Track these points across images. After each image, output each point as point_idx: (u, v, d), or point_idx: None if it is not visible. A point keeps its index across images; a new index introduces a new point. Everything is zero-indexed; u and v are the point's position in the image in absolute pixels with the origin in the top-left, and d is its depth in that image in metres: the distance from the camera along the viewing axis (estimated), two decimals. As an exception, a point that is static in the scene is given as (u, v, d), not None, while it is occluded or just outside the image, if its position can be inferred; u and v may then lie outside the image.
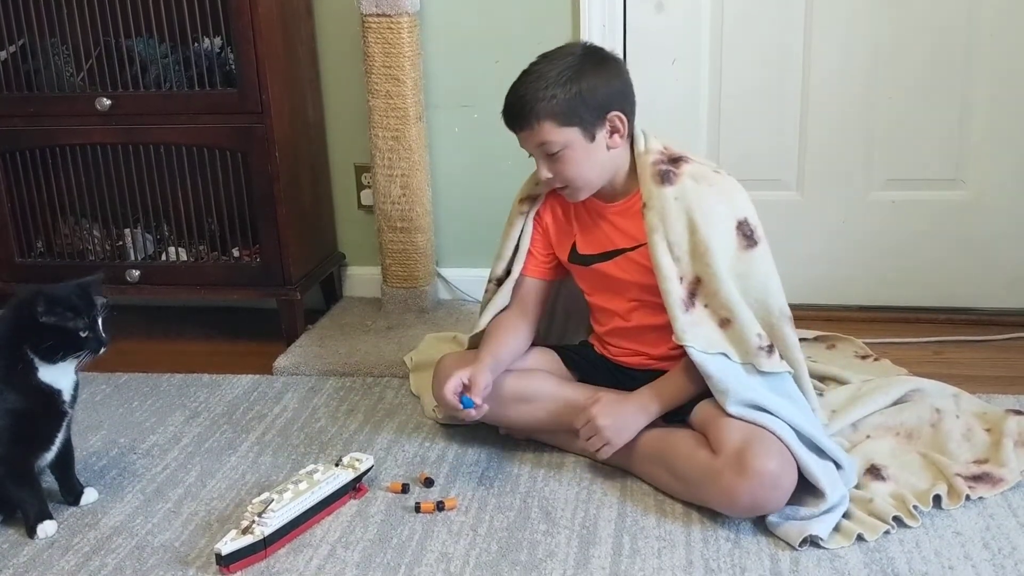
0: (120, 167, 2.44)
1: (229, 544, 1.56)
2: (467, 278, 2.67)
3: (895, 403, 1.92)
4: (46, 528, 1.69)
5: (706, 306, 1.71)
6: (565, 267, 1.91)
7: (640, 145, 1.76)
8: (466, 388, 1.74)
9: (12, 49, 2.40)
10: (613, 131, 1.71)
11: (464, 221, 2.66)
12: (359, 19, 2.39)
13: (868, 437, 1.83)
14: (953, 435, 1.81)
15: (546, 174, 1.73)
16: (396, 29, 2.37)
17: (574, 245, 1.86)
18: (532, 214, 1.89)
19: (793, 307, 1.76)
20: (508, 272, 1.93)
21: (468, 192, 2.63)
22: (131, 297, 2.60)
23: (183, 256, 2.50)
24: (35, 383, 1.64)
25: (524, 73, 1.70)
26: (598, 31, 2.42)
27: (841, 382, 2.02)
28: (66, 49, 2.40)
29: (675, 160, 1.75)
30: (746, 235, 1.72)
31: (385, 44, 2.38)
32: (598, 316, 1.92)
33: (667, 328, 1.73)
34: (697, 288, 1.71)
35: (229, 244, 2.49)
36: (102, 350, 1.66)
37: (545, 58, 1.71)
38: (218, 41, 2.36)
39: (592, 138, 1.69)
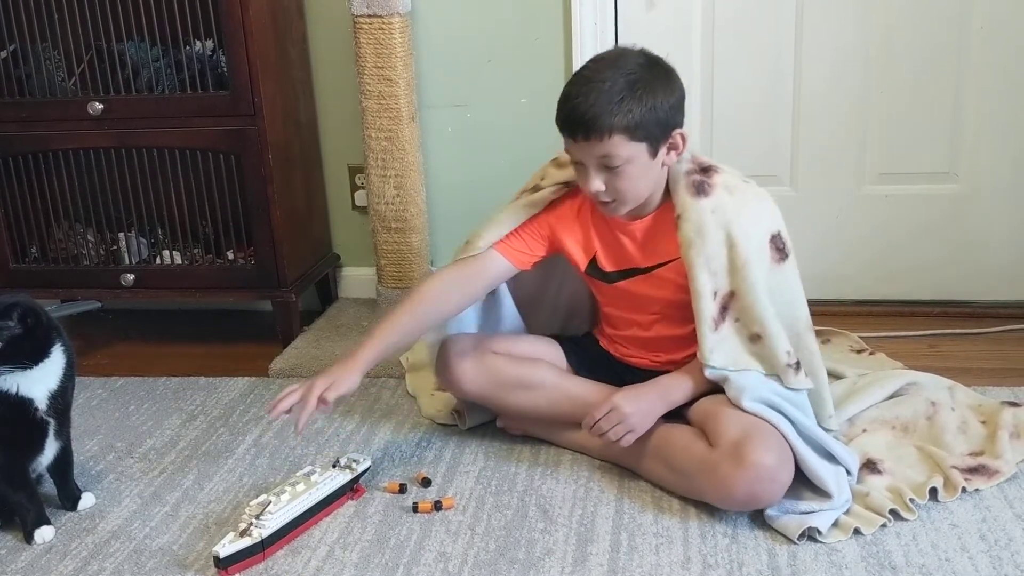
0: (113, 171, 2.44)
1: (227, 547, 1.56)
2: (462, 278, 2.67)
3: (891, 397, 1.92)
4: (43, 533, 1.69)
5: (737, 320, 1.69)
6: (581, 277, 1.84)
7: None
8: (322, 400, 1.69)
9: (3, 54, 2.39)
10: (671, 148, 1.65)
11: (458, 221, 2.65)
12: (350, 20, 2.38)
13: (864, 431, 1.84)
14: (949, 428, 1.82)
15: (597, 186, 1.62)
16: (388, 30, 2.37)
17: (595, 259, 1.80)
18: (539, 212, 1.81)
19: (788, 302, 1.76)
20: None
21: (462, 192, 2.63)
22: (126, 301, 2.60)
23: (177, 259, 2.49)
24: (2, 391, 1.63)
25: (586, 80, 1.59)
26: (590, 29, 2.42)
27: (837, 377, 2.02)
28: (57, 54, 2.39)
29: (705, 170, 1.70)
30: (778, 248, 1.70)
31: (377, 45, 2.37)
32: (614, 322, 1.88)
33: (688, 337, 1.73)
34: (730, 302, 1.68)
35: (223, 247, 2.48)
36: None
37: (607, 66, 1.60)
38: (210, 44, 2.35)
39: (655, 154, 1.62)
